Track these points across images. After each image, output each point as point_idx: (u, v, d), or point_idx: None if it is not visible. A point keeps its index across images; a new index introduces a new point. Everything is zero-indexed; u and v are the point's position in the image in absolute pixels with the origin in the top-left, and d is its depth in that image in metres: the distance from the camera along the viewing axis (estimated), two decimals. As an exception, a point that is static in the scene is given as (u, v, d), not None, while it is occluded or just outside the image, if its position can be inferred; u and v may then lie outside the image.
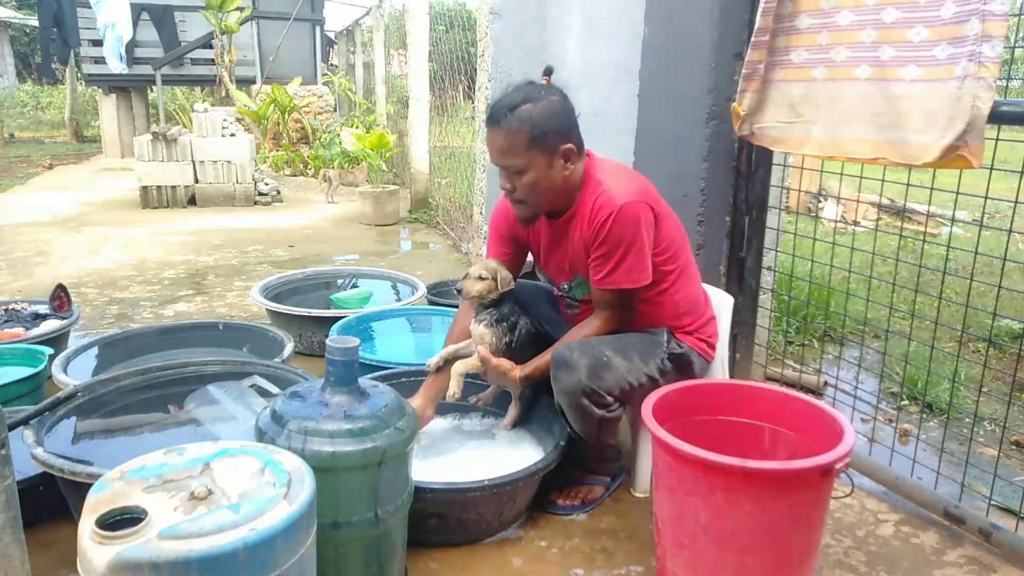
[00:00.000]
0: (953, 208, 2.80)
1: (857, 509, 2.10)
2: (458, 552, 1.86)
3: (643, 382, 1.88)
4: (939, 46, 1.72)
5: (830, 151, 2.04)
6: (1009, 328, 3.56)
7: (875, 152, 1.91)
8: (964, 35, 1.66)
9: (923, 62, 1.75)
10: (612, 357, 1.85)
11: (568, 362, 1.83)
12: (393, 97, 9.88)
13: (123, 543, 1.03)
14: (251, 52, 10.61)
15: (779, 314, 3.23)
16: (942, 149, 1.73)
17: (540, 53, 3.80)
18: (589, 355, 1.83)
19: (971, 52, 1.65)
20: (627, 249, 1.84)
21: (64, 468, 1.62)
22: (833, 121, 2.00)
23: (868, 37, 1.87)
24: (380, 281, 3.83)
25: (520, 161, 1.85)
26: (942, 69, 1.72)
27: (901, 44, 1.80)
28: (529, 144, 1.83)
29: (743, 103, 2.15)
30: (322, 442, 1.40)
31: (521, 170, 1.86)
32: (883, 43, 1.84)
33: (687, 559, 1.62)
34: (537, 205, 1.95)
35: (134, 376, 2.18)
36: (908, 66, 1.79)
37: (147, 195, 6.82)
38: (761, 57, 2.09)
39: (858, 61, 1.90)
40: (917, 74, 1.77)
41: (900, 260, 2.29)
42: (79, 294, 4.02)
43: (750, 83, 2.12)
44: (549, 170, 1.87)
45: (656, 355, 1.93)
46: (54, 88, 16.48)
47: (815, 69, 2.01)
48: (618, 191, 1.85)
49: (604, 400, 1.84)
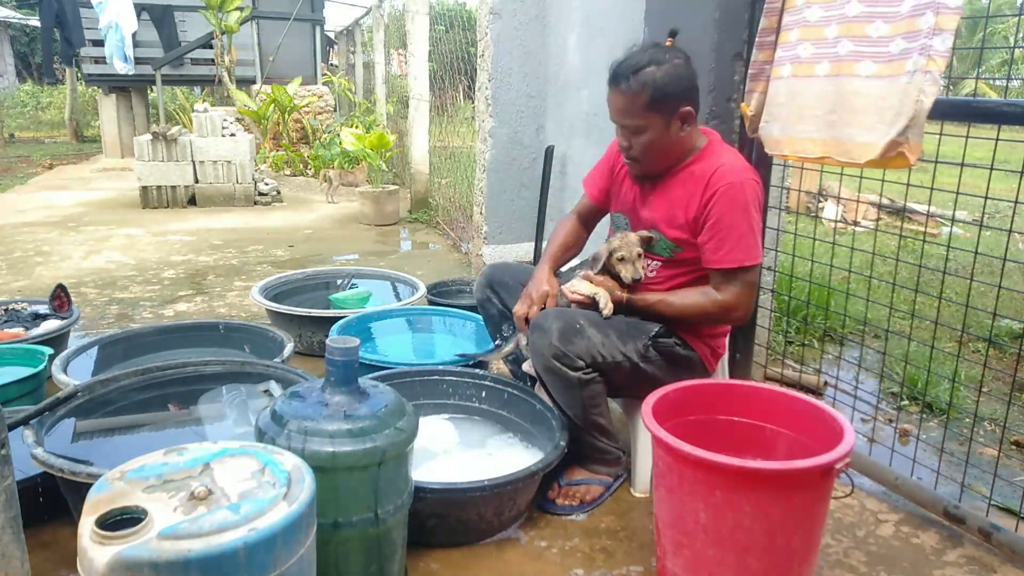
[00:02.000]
0: (953, 208, 2.80)
1: (857, 509, 2.10)
2: (458, 552, 1.86)
3: (617, 359, 1.91)
4: (894, 41, 1.68)
5: (785, 149, 2.01)
6: (1009, 328, 3.56)
7: (823, 151, 1.88)
8: (918, 29, 1.62)
9: (879, 58, 1.71)
10: (586, 327, 1.90)
11: (542, 326, 1.90)
12: (393, 97, 9.87)
13: (123, 543, 1.03)
14: (251, 52, 10.62)
15: (779, 314, 3.23)
16: (884, 146, 1.69)
17: (540, 53, 3.81)
18: (562, 320, 1.90)
19: (922, 46, 1.61)
20: (751, 222, 1.85)
21: (64, 468, 1.62)
22: (790, 119, 1.97)
23: (831, 33, 1.83)
24: (380, 281, 3.83)
25: (638, 122, 1.88)
26: (895, 64, 1.68)
27: (860, 39, 1.76)
28: (648, 106, 1.85)
29: (751, 104, 2.13)
30: (322, 442, 1.40)
31: (639, 130, 1.89)
32: (843, 37, 1.79)
33: (687, 559, 1.62)
34: (651, 165, 1.97)
35: (134, 376, 2.18)
36: (864, 62, 1.74)
37: (147, 195, 6.81)
38: (768, 57, 2.07)
39: (820, 57, 1.87)
40: (873, 70, 1.73)
41: (900, 260, 2.29)
42: (79, 294, 4.02)
43: (757, 83, 2.10)
44: (666, 132, 1.89)
45: (637, 339, 1.94)
46: (54, 88, 16.47)
47: (783, 67, 1.99)
48: (732, 163, 1.89)
49: (575, 363, 1.88)
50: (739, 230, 1.84)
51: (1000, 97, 1.67)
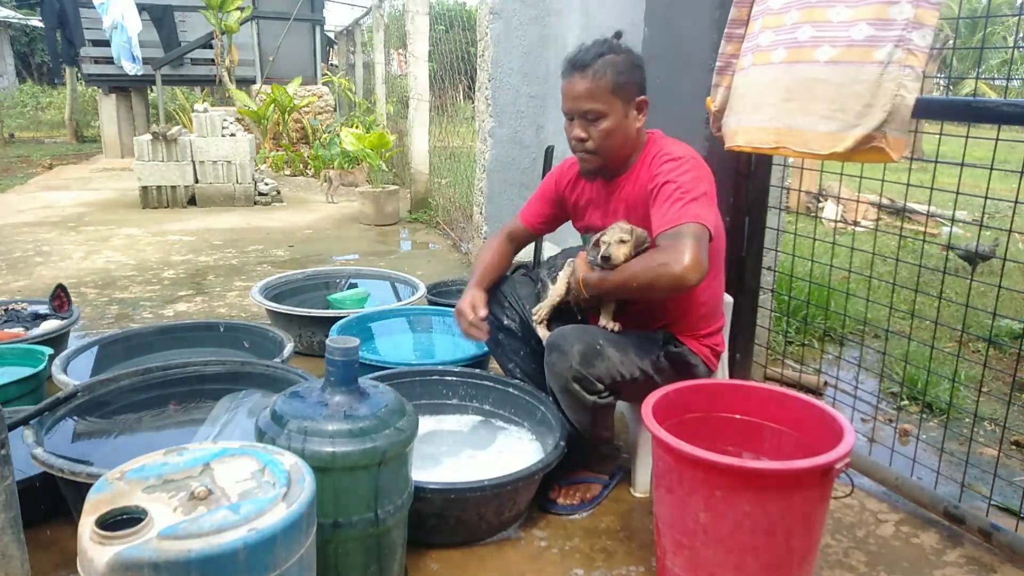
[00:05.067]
0: (953, 208, 2.80)
1: (857, 509, 2.10)
2: (458, 552, 1.86)
3: (636, 376, 1.89)
4: (856, 26, 1.62)
5: (740, 140, 1.95)
6: (1009, 328, 3.56)
7: (776, 140, 1.81)
8: (891, 18, 1.58)
9: (838, 42, 1.65)
10: (606, 346, 1.86)
11: (561, 347, 1.86)
12: (393, 97, 9.88)
13: (123, 543, 1.03)
14: (251, 52, 10.62)
15: (779, 314, 3.23)
16: (856, 139, 1.63)
17: (540, 53, 3.81)
18: (583, 341, 1.85)
19: (899, 37, 1.56)
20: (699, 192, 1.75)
21: (64, 468, 1.61)
22: (745, 109, 1.92)
23: (791, 19, 1.78)
24: (380, 281, 3.83)
25: (601, 106, 1.88)
26: (859, 50, 1.61)
27: (821, 24, 1.69)
28: (612, 90, 1.86)
29: (716, 99, 2.07)
30: (322, 442, 1.40)
31: (600, 116, 1.89)
32: (804, 23, 1.73)
33: (687, 559, 1.62)
34: (607, 156, 1.95)
35: (134, 376, 2.18)
36: (823, 47, 1.68)
37: (147, 195, 6.82)
38: (735, 50, 2.02)
39: (777, 44, 1.81)
40: (831, 55, 1.66)
41: (900, 260, 2.29)
42: (79, 294, 4.02)
43: (723, 77, 2.03)
44: (625, 119, 1.90)
45: (652, 352, 1.93)
46: (54, 88, 16.48)
47: (746, 57, 1.94)
48: (684, 147, 1.90)
49: (594, 387, 1.86)
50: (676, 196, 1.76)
51: (1000, 97, 1.67)
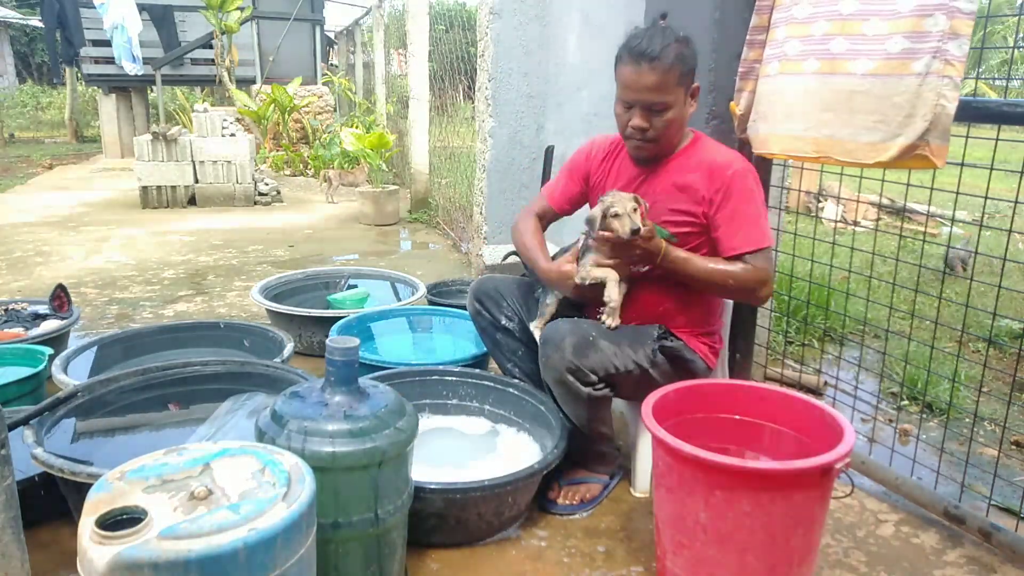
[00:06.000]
0: (953, 208, 2.80)
1: (857, 509, 2.10)
2: (458, 552, 1.86)
3: (630, 368, 1.89)
4: (892, 39, 1.67)
5: (774, 148, 1.99)
6: (1009, 328, 3.56)
7: (816, 150, 1.86)
8: (926, 30, 1.61)
9: (875, 55, 1.70)
10: (599, 338, 1.88)
11: (554, 340, 1.88)
12: (393, 97, 9.87)
13: (123, 543, 1.03)
14: (251, 52, 10.62)
15: (779, 314, 3.23)
16: (900, 148, 1.68)
17: (540, 53, 3.81)
18: (575, 334, 1.87)
19: (936, 49, 1.60)
20: (762, 204, 1.86)
21: (64, 468, 1.62)
22: (776, 117, 1.95)
23: (819, 30, 1.82)
24: (380, 281, 3.83)
25: (669, 98, 1.85)
26: (896, 63, 1.66)
27: (855, 37, 1.74)
28: (679, 80, 1.84)
29: (740, 103, 2.12)
30: (322, 442, 1.40)
31: (665, 107, 1.86)
32: (836, 35, 1.77)
33: (687, 559, 1.62)
34: (666, 144, 1.94)
35: (134, 376, 2.17)
36: (860, 60, 1.73)
37: (147, 195, 6.81)
38: (757, 56, 2.05)
39: (807, 54, 1.85)
40: (869, 67, 1.71)
41: (900, 260, 2.29)
42: (79, 294, 4.02)
43: (747, 82, 2.08)
44: (684, 108, 1.90)
45: (646, 345, 1.93)
46: (54, 88, 16.47)
47: (771, 64, 1.97)
48: (737, 155, 1.90)
49: (588, 378, 1.86)
50: (754, 215, 1.86)
51: (1000, 97, 1.67)
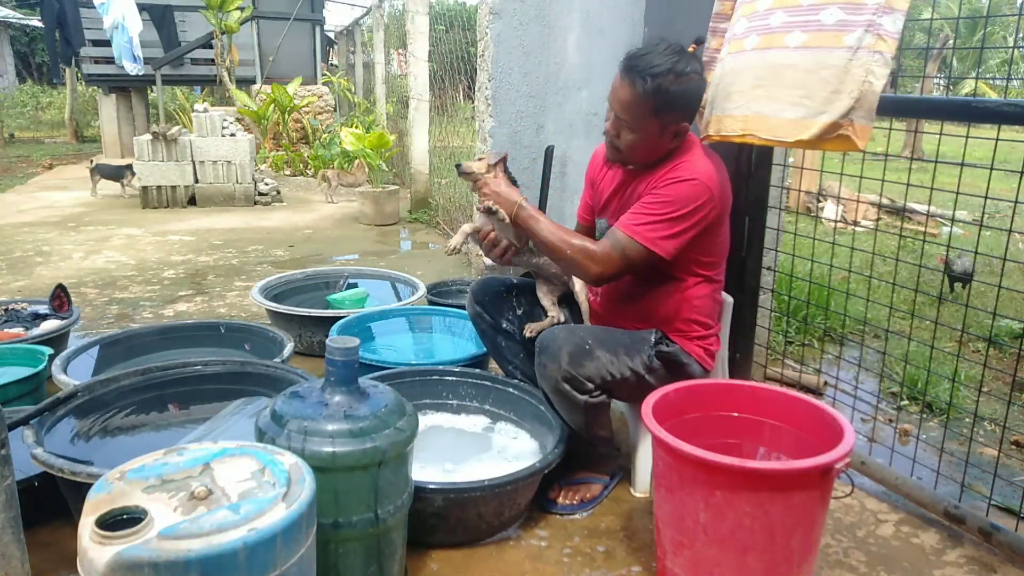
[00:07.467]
0: (953, 208, 2.80)
1: (857, 509, 2.10)
2: (458, 552, 1.86)
3: (627, 375, 1.89)
4: (827, 10, 1.61)
5: (711, 130, 1.94)
6: (1009, 328, 3.56)
7: (744, 128, 1.80)
8: (861, 2, 1.57)
9: (809, 27, 1.64)
10: (595, 347, 1.87)
11: (549, 348, 1.87)
12: (393, 97, 9.87)
13: (123, 543, 1.03)
14: (251, 52, 10.62)
15: (779, 314, 3.23)
16: (823, 127, 1.61)
17: (540, 53, 3.81)
18: (571, 343, 1.86)
19: (869, 22, 1.55)
20: (673, 215, 1.81)
21: (64, 468, 1.61)
22: (718, 98, 1.90)
23: (763, 5, 1.76)
24: (380, 281, 3.83)
25: (635, 122, 1.85)
26: (829, 35, 1.60)
27: (792, 9, 1.68)
28: (651, 112, 1.83)
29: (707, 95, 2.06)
30: (322, 442, 1.40)
31: (632, 128, 1.87)
32: (776, 8, 1.71)
33: (687, 559, 1.62)
34: (630, 158, 1.96)
35: (134, 376, 2.17)
36: (794, 32, 1.66)
37: (147, 195, 6.82)
38: (719, 44, 2.00)
39: (750, 31, 1.79)
40: (802, 40, 1.65)
41: (900, 260, 2.29)
42: (79, 294, 4.02)
43: (709, 73, 2.00)
44: (657, 139, 1.88)
45: (643, 351, 1.93)
46: (54, 88, 16.47)
47: (724, 48, 1.93)
48: (702, 169, 1.85)
49: (584, 387, 1.86)
50: (654, 214, 1.81)
51: (1000, 97, 1.67)
